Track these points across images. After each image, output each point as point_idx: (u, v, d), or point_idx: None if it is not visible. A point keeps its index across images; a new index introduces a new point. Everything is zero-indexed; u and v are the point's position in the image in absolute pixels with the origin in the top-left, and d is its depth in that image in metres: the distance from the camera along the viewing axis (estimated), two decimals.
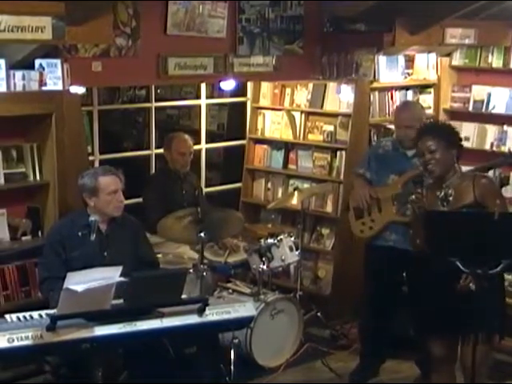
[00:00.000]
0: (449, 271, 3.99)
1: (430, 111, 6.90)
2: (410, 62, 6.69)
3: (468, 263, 3.78)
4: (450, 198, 4.18)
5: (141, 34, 5.22)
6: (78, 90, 5.09)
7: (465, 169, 5.07)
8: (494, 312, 4.05)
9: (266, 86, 6.93)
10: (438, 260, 4.01)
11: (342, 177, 6.38)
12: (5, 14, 4.19)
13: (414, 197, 4.22)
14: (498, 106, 6.66)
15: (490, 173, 6.56)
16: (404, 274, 5.18)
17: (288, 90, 6.78)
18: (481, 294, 3.89)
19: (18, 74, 4.63)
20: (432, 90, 6.94)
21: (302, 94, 6.69)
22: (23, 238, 5.01)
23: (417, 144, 4.33)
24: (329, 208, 6.53)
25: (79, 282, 3.57)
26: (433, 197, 4.25)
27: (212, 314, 3.90)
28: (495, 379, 4.94)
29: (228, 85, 6.23)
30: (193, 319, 3.85)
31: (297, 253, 5.71)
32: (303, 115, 6.68)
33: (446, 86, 6.96)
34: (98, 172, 4.52)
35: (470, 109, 6.83)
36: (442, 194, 4.20)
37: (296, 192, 5.99)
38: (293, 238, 5.73)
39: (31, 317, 3.77)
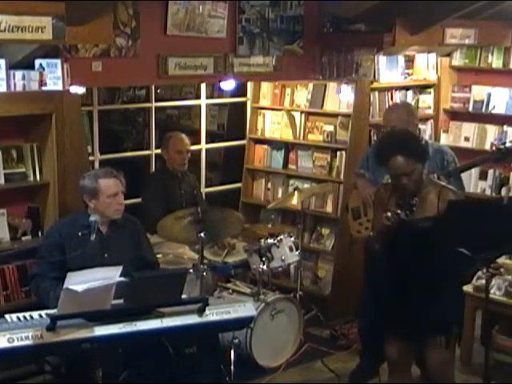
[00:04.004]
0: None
1: (429, 111, 6.91)
2: (409, 62, 6.69)
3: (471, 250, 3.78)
4: (414, 209, 4.05)
5: (141, 34, 5.23)
6: (78, 90, 5.09)
7: None
8: (454, 318, 4.10)
9: (266, 86, 6.92)
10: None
11: (342, 177, 6.38)
12: (5, 13, 4.19)
13: (389, 214, 4.07)
14: (498, 106, 6.66)
15: (490, 172, 6.59)
16: None
17: (288, 90, 6.77)
18: (442, 298, 3.95)
19: (18, 73, 4.63)
20: (432, 90, 6.94)
21: (301, 94, 6.68)
22: (23, 238, 5.01)
23: (384, 159, 4.14)
24: (329, 208, 6.52)
25: (79, 282, 3.57)
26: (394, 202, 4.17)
27: (212, 314, 3.90)
28: (495, 379, 4.94)
29: (228, 85, 6.22)
30: (193, 319, 3.85)
31: (297, 253, 5.71)
32: (303, 115, 6.67)
33: (446, 86, 6.96)
34: (99, 174, 4.50)
35: (470, 109, 6.84)
36: (404, 201, 4.08)
37: (296, 192, 5.98)
38: (293, 238, 5.72)
39: (31, 317, 3.77)
